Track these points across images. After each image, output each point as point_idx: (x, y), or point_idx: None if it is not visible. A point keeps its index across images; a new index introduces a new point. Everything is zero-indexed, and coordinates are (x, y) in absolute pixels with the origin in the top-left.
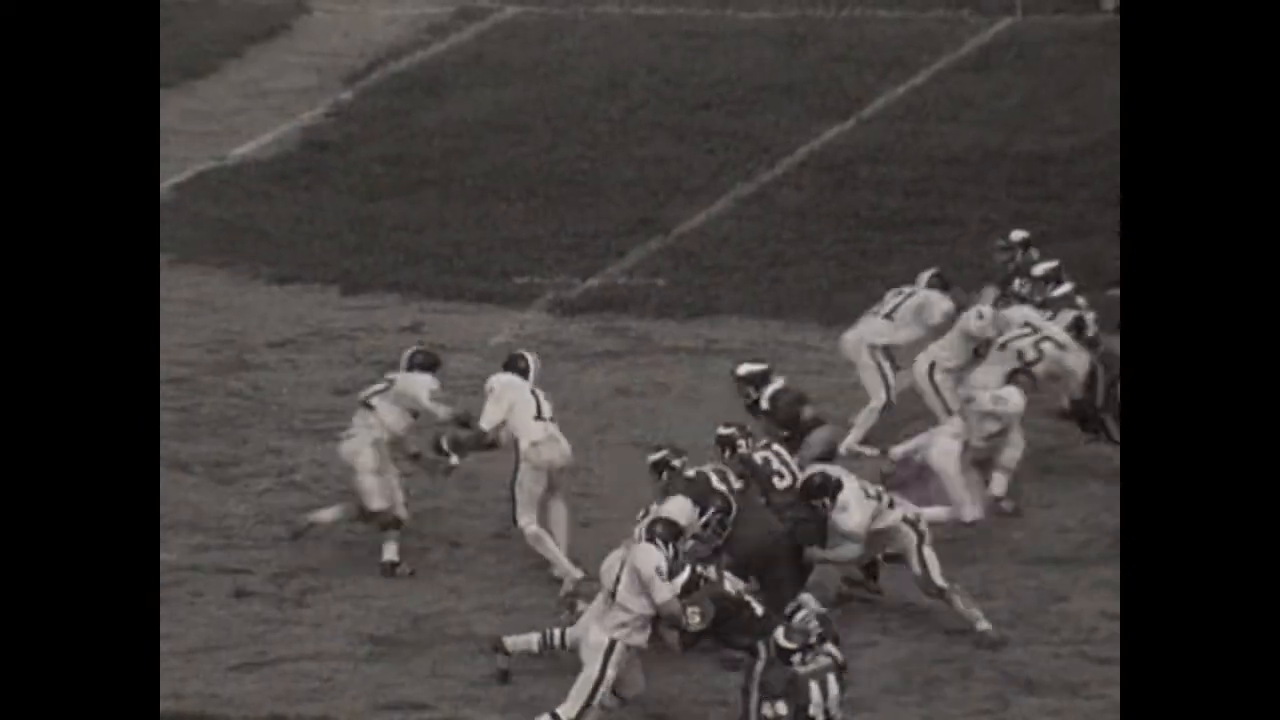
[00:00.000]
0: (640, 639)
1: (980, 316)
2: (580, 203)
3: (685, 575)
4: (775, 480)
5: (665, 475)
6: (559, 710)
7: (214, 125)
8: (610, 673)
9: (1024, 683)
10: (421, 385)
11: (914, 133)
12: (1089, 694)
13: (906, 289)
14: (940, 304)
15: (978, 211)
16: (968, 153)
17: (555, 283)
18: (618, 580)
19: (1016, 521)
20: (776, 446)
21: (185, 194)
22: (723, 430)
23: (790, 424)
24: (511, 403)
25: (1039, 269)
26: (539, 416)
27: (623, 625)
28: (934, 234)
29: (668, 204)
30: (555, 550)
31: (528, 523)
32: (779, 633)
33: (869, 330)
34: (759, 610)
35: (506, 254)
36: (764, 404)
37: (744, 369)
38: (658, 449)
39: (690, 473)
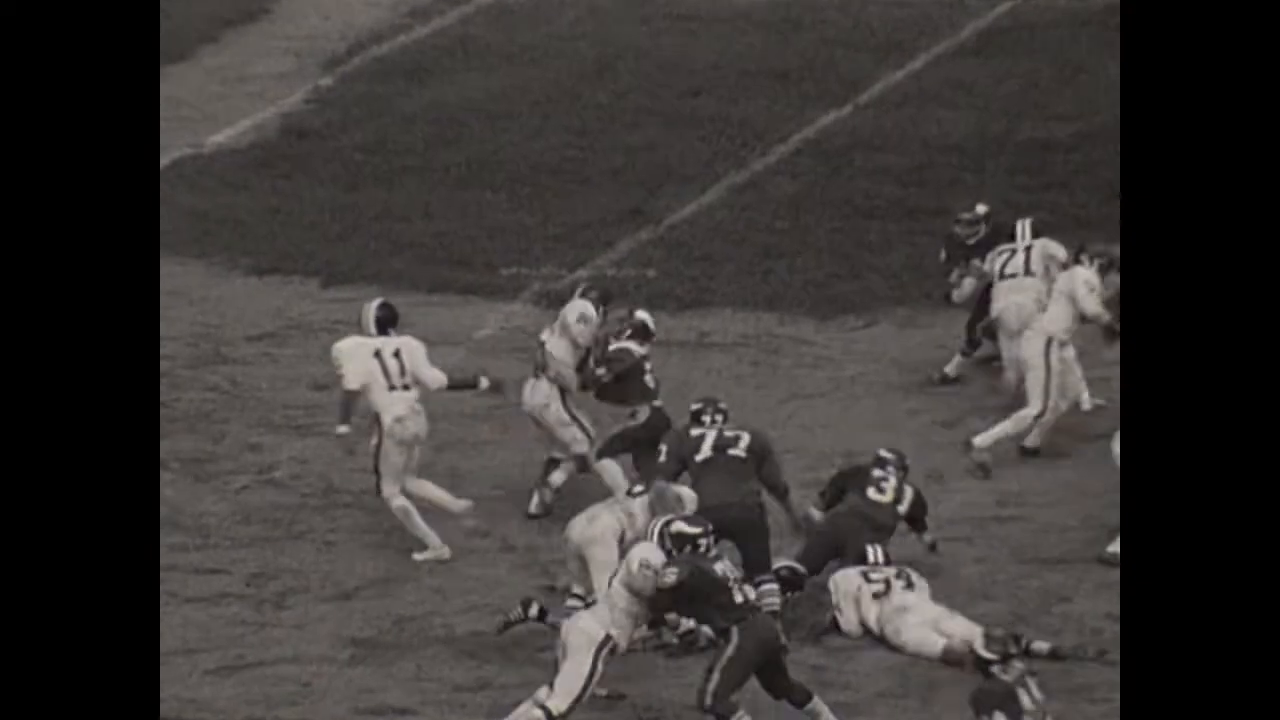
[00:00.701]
0: (626, 638)
1: (1088, 284)
2: (568, 191)
3: (675, 577)
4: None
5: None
6: (548, 704)
7: (189, 112)
8: (600, 668)
9: (1022, 685)
10: (574, 308)
11: (912, 119)
12: (1093, 697)
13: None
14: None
15: (978, 201)
16: (967, 140)
17: (542, 274)
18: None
19: (1018, 521)
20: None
21: (160, 183)
22: (693, 405)
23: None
24: (365, 369)
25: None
26: (393, 386)
27: (616, 621)
28: (933, 224)
29: (658, 193)
30: (422, 525)
31: (392, 495)
32: (978, 642)
33: (1050, 322)
34: (738, 597)
35: (492, 244)
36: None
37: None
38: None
39: None
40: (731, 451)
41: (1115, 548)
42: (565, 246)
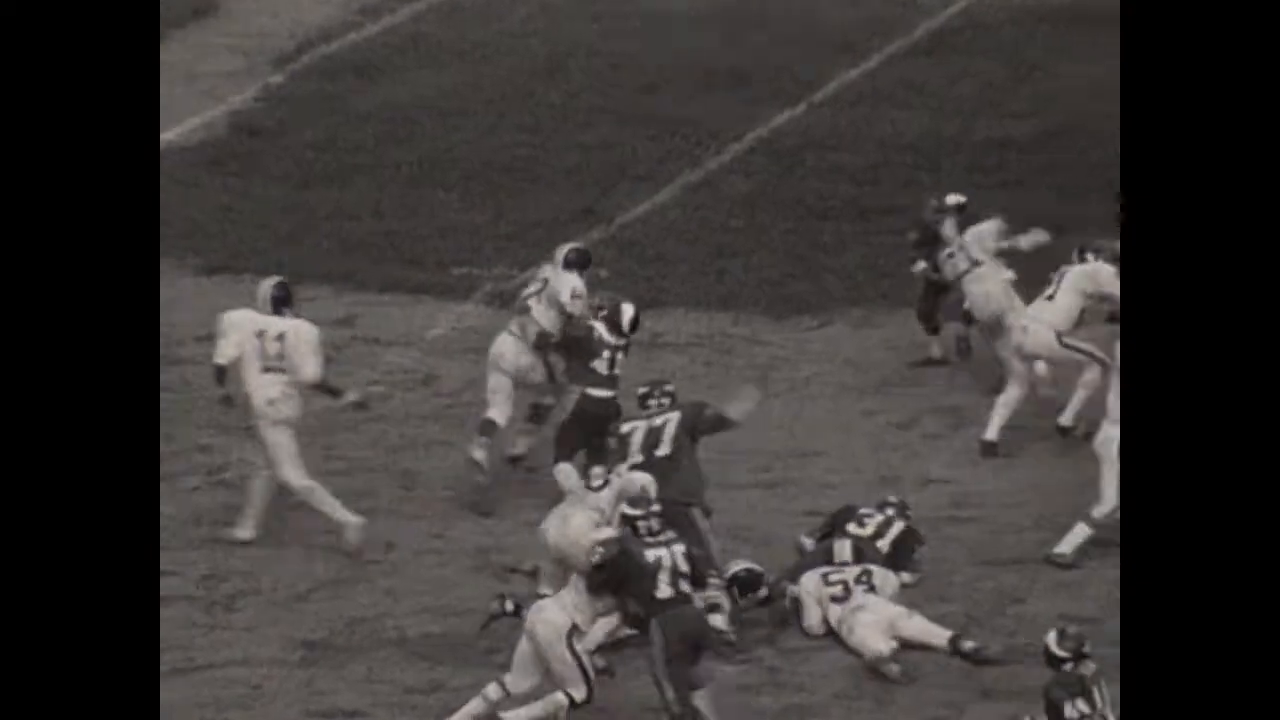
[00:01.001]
0: (588, 623)
1: (1112, 274)
2: (520, 190)
3: (600, 556)
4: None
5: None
6: (570, 691)
7: None
8: (580, 650)
9: (979, 688)
10: (565, 284)
11: (866, 119)
12: None
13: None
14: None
15: (933, 200)
16: (922, 139)
17: (494, 274)
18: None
19: (974, 522)
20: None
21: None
22: (640, 389)
23: None
24: (240, 344)
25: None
26: (268, 369)
27: (579, 606)
28: (888, 223)
29: (611, 192)
30: (331, 501)
31: (298, 479)
32: (1051, 639)
33: (1057, 316)
34: (664, 591)
35: (444, 243)
36: None
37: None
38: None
39: None
40: (658, 452)
41: (1065, 548)
42: (517, 246)
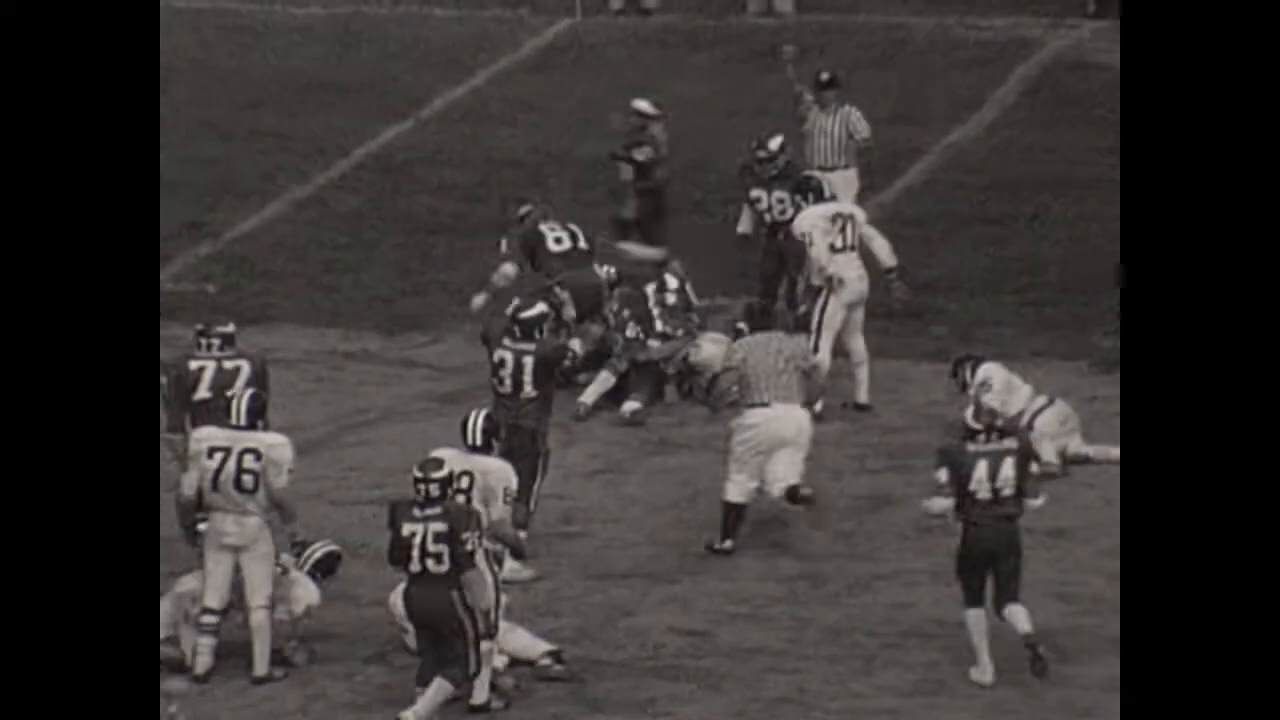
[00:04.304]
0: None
1: None
2: None
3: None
4: None
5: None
6: None
7: None
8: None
9: (590, 701)
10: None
11: (473, 135)
12: (656, 711)
13: None
14: None
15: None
16: (529, 155)
17: None
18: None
19: (583, 537)
20: None
21: None
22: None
23: None
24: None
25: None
26: None
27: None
28: (496, 239)
29: (217, 206)
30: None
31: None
32: (968, 414)
33: None
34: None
35: None
36: None
37: None
38: None
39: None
40: (229, 392)
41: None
42: None
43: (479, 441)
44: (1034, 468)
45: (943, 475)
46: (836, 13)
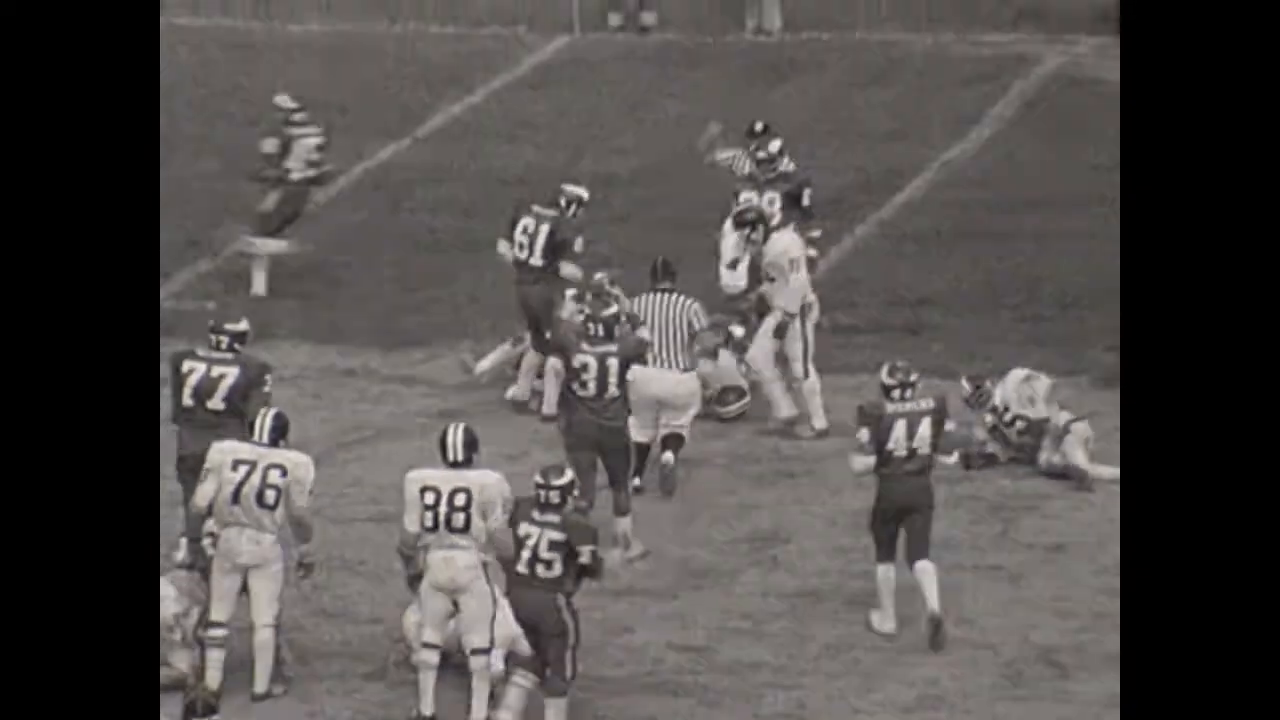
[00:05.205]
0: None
1: None
2: None
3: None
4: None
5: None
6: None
7: None
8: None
9: (590, 718)
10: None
11: (472, 152)
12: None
13: None
14: None
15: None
16: (529, 173)
17: None
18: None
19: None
20: None
21: None
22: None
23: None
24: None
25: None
26: None
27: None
28: (495, 256)
29: (217, 224)
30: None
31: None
32: (884, 371)
33: None
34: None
35: None
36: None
37: None
38: None
39: None
40: (209, 404)
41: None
42: None
43: (460, 456)
44: (948, 425)
45: (864, 435)
46: (835, 30)
